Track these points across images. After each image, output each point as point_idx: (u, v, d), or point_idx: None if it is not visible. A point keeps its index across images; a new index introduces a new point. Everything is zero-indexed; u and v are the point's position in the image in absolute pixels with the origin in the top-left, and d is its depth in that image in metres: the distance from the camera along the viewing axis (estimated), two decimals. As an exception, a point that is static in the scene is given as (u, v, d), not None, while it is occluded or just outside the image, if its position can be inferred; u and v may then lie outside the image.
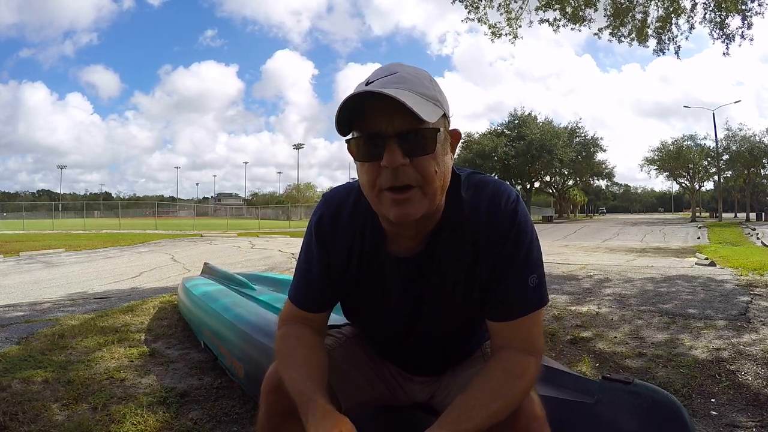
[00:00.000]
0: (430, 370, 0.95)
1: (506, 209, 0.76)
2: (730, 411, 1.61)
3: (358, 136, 0.71)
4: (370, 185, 0.71)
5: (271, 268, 6.78)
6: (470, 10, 6.48)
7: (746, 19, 5.83)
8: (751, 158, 30.90)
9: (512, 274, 0.75)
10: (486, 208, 0.76)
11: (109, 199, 78.13)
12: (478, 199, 0.77)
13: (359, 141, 0.70)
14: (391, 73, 0.70)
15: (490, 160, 34.59)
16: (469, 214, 0.77)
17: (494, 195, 0.77)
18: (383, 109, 0.67)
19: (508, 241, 0.75)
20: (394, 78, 0.69)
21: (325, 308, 0.88)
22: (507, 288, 0.76)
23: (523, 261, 0.75)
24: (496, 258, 0.76)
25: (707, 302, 3.28)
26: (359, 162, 0.72)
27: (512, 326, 0.76)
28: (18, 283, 6.08)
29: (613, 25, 6.38)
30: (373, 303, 0.86)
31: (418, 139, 0.68)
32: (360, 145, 0.70)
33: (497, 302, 0.77)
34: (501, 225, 0.75)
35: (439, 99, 0.71)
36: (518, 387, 0.72)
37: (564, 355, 2.23)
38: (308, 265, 0.85)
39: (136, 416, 1.57)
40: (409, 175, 0.68)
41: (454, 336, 0.88)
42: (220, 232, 20.01)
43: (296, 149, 72.71)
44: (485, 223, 0.76)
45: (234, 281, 2.67)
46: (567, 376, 0.98)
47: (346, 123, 0.70)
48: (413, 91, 0.67)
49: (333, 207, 0.84)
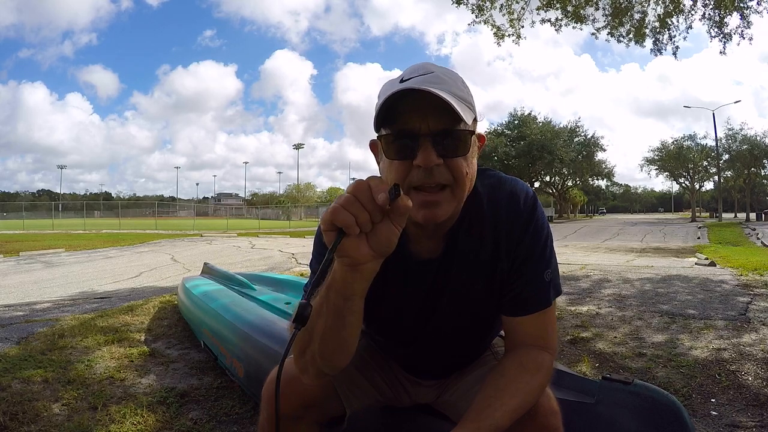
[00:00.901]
0: (440, 372, 0.94)
1: (525, 206, 0.77)
2: (730, 411, 1.61)
3: (389, 133, 0.69)
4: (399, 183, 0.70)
5: (271, 268, 6.78)
6: (475, 13, 6.48)
7: (745, 18, 5.83)
8: (752, 158, 30.91)
9: (529, 269, 0.77)
10: (506, 206, 0.77)
11: (109, 199, 78.07)
12: (497, 197, 0.78)
13: (389, 138, 0.69)
14: (427, 72, 0.69)
15: (491, 161, 34.58)
16: (489, 211, 0.77)
17: (512, 192, 0.77)
18: (418, 107, 0.66)
19: (527, 236, 0.76)
20: (431, 77, 0.68)
21: None
22: (524, 283, 0.77)
23: (540, 256, 0.77)
24: (515, 254, 0.76)
25: (707, 302, 3.27)
26: (389, 160, 0.70)
27: (527, 321, 0.77)
28: (18, 283, 6.08)
29: (612, 25, 6.38)
30: (389, 305, 0.84)
31: (454, 140, 0.67)
32: (392, 143, 0.69)
33: (513, 297, 0.78)
34: (521, 222, 0.76)
35: (472, 102, 0.71)
36: (535, 383, 0.72)
37: (564, 355, 2.23)
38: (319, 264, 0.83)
39: (136, 416, 1.57)
40: (443, 174, 0.68)
41: (467, 335, 0.88)
42: (220, 232, 20.01)
43: (296, 149, 72.86)
44: (505, 220, 0.76)
45: (234, 281, 2.67)
46: (567, 376, 0.98)
47: (380, 120, 0.69)
48: (450, 93, 0.67)
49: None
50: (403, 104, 0.67)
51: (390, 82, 0.72)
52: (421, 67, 0.71)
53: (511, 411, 0.68)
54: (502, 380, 0.72)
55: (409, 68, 0.73)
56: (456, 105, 0.64)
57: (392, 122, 0.68)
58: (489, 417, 0.67)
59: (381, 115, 0.68)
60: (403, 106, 0.67)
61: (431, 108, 0.65)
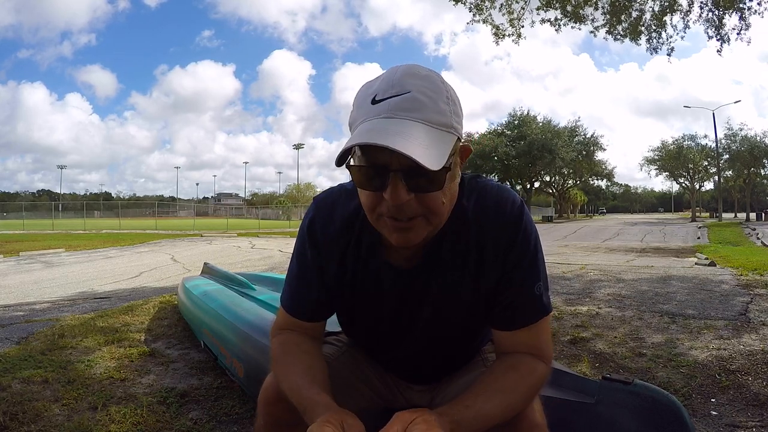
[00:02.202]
0: (428, 378, 0.93)
1: (511, 215, 0.73)
2: (730, 411, 1.61)
3: (360, 165, 0.64)
4: (370, 210, 0.67)
5: (271, 268, 6.78)
6: (474, 12, 6.49)
7: (744, 19, 5.83)
8: (752, 158, 30.91)
9: (518, 281, 0.73)
10: (492, 215, 0.73)
11: (109, 199, 78.02)
12: (482, 206, 0.74)
13: (361, 170, 0.64)
14: (403, 91, 0.62)
15: (491, 161, 34.59)
16: (474, 221, 0.73)
17: (498, 201, 0.74)
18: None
19: (514, 247, 0.72)
20: (405, 101, 0.62)
21: (319, 317, 0.83)
22: (512, 296, 0.73)
23: (529, 268, 0.73)
24: (502, 266, 0.73)
25: (707, 302, 3.28)
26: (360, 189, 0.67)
27: (518, 335, 0.74)
28: (18, 283, 6.08)
29: (610, 23, 6.38)
30: (368, 312, 0.83)
31: (425, 177, 0.62)
32: (362, 174, 0.65)
33: (502, 310, 0.75)
34: (507, 231, 0.73)
35: (453, 124, 0.65)
36: (523, 384, 0.70)
37: (564, 355, 2.23)
38: (301, 270, 0.81)
39: (136, 416, 1.57)
40: (413, 208, 0.64)
41: (452, 344, 0.85)
42: (220, 232, 20.01)
43: (296, 149, 72.73)
44: (491, 229, 0.73)
45: (234, 281, 2.67)
46: (567, 376, 0.98)
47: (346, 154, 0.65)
48: (427, 122, 0.62)
49: (325, 210, 0.80)
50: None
51: (364, 92, 0.66)
52: (398, 82, 0.63)
53: (497, 405, 0.66)
54: (489, 377, 0.70)
55: (385, 78, 0.65)
56: (426, 148, 0.59)
57: (360, 152, 0.64)
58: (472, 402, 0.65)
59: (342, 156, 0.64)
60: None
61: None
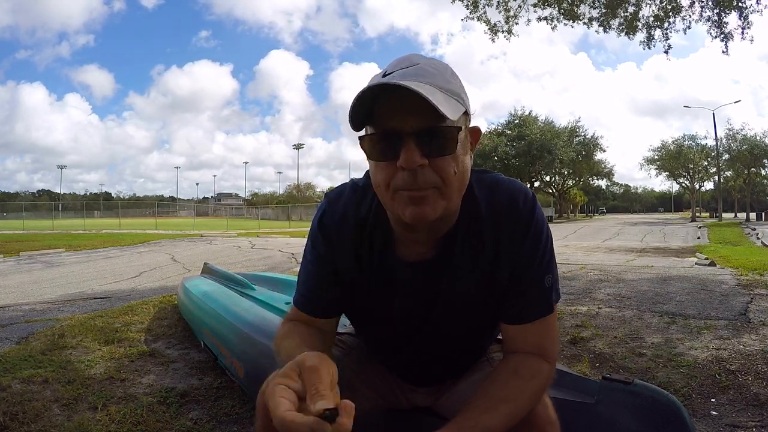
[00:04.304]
0: (434, 379, 0.92)
1: (524, 208, 0.73)
2: (730, 411, 1.61)
3: (372, 133, 0.65)
4: (384, 185, 0.66)
5: (272, 268, 6.78)
6: (470, 9, 6.50)
7: (746, 18, 5.83)
8: (752, 158, 30.92)
9: (529, 275, 0.73)
10: (505, 209, 0.73)
11: (109, 199, 78.10)
12: (496, 200, 0.74)
13: (373, 138, 0.65)
14: (411, 64, 0.64)
15: (490, 160, 34.59)
16: (487, 215, 0.73)
17: (511, 194, 0.74)
18: (400, 104, 0.61)
19: (527, 241, 0.72)
20: (414, 70, 0.63)
21: (331, 313, 0.82)
22: (523, 289, 0.73)
23: (540, 261, 0.73)
24: (515, 259, 0.73)
25: (707, 302, 3.28)
26: (372, 161, 0.67)
27: (527, 329, 0.74)
28: (18, 283, 6.07)
29: (604, 18, 6.38)
30: (380, 309, 0.82)
31: (438, 139, 0.62)
32: (374, 143, 0.65)
33: (513, 304, 0.74)
34: (521, 225, 0.73)
35: (461, 95, 0.66)
36: (528, 389, 0.69)
37: (564, 355, 2.23)
38: (313, 266, 0.80)
39: (136, 416, 1.57)
40: (427, 176, 0.63)
41: (461, 342, 0.85)
42: (220, 232, 20.00)
43: (296, 149, 72.98)
44: (505, 223, 0.73)
45: (234, 281, 2.67)
46: (567, 376, 0.98)
47: (360, 118, 0.64)
48: (435, 86, 0.62)
49: (338, 205, 0.79)
50: (382, 102, 0.62)
51: (375, 76, 0.67)
52: (405, 59, 0.66)
53: (501, 416, 0.65)
54: (492, 385, 0.70)
55: (393, 61, 0.68)
56: (438, 99, 0.59)
57: (372, 121, 0.64)
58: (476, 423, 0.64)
59: (357, 112, 0.63)
60: (382, 103, 0.62)
61: (412, 105, 0.59)
